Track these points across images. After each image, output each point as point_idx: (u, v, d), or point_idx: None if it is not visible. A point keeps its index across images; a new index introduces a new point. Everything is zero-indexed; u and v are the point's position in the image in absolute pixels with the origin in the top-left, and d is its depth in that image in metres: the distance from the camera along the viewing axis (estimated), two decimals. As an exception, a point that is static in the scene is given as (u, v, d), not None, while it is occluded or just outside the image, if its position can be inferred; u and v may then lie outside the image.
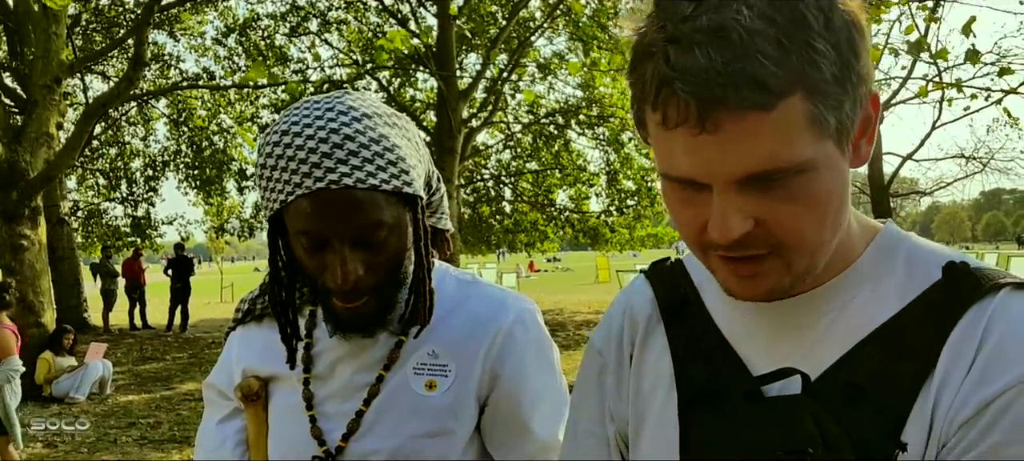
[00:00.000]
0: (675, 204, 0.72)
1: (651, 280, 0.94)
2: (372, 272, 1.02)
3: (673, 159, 0.68)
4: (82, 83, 16.97)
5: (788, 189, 0.66)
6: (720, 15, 0.62)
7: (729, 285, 0.74)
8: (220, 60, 17.41)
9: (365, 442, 1.09)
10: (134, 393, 9.07)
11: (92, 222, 19.81)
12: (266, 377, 1.18)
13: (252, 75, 11.42)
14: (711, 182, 0.67)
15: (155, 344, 13.59)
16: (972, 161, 13.82)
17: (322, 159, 0.96)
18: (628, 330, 0.92)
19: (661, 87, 0.64)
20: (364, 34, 16.33)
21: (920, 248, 0.79)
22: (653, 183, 18.26)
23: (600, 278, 31.33)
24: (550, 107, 18.12)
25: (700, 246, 0.73)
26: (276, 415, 1.17)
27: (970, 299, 0.71)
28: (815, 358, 0.75)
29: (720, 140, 0.63)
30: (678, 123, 0.65)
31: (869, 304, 0.76)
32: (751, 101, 0.62)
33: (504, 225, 19.77)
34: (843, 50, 0.64)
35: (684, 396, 0.82)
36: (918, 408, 0.68)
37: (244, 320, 1.25)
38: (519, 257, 25.68)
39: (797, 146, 0.64)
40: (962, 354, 0.68)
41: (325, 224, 0.97)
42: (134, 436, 7.01)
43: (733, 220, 0.67)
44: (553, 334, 1.22)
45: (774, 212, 0.67)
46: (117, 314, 16.37)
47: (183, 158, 19.23)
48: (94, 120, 11.19)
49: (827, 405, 0.72)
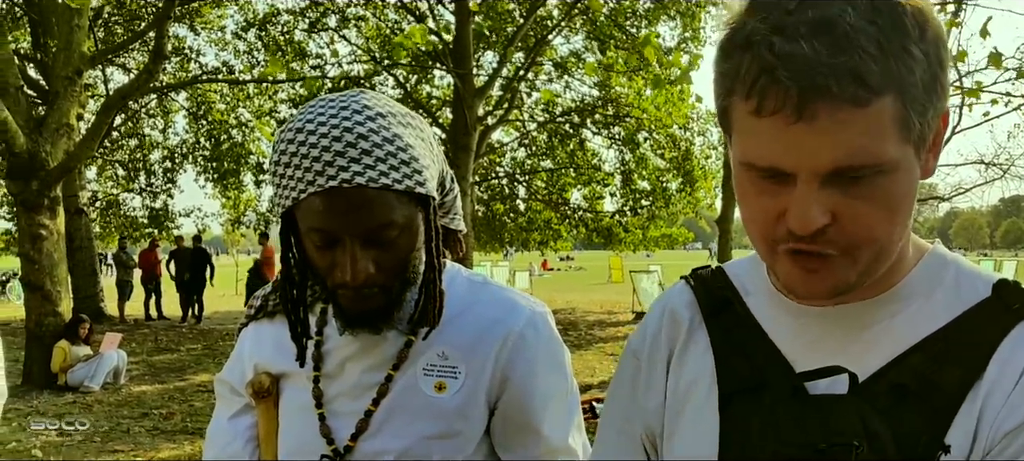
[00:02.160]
0: (751, 194, 0.74)
1: (691, 284, 0.95)
2: (382, 270, 1.02)
3: (761, 149, 0.69)
4: (103, 75, 17.13)
5: (868, 187, 0.68)
6: (826, 11, 0.65)
7: (792, 281, 0.75)
8: (240, 54, 17.54)
9: (374, 442, 1.09)
10: (148, 383, 9.14)
11: (110, 213, 19.99)
12: (277, 374, 1.19)
13: (270, 70, 11.48)
14: (798, 171, 0.68)
15: (170, 335, 13.69)
16: (992, 167, 13.64)
17: (335, 157, 0.96)
18: (668, 329, 0.93)
19: (761, 74, 0.66)
20: (382, 31, 16.37)
21: (968, 269, 0.82)
22: (668, 184, 18.20)
23: (613, 278, 31.25)
24: (566, 106, 18.09)
25: (770, 239, 0.74)
26: (286, 413, 1.17)
27: (1020, 314, 0.74)
28: (862, 362, 0.77)
29: (815, 130, 0.65)
30: (775, 110, 0.66)
31: (918, 316, 0.78)
32: (850, 94, 0.64)
33: (518, 223, 19.76)
34: (933, 61, 0.67)
35: (725, 389, 0.83)
36: (964, 413, 0.71)
37: (256, 316, 1.25)
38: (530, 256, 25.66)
39: (885, 145, 0.67)
40: (1010, 366, 0.71)
41: (336, 222, 0.98)
42: (147, 426, 7.07)
43: (814, 211, 0.68)
44: (565, 334, 1.21)
45: (851, 209, 0.69)
46: (133, 305, 16.50)
47: (201, 151, 19.37)
48: (114, 112, 11.28)
49: (872, 404, 0.73)
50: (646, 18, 16.16)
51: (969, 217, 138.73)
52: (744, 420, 0.80)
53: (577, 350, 11.49)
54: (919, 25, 0.66)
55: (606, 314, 17.61)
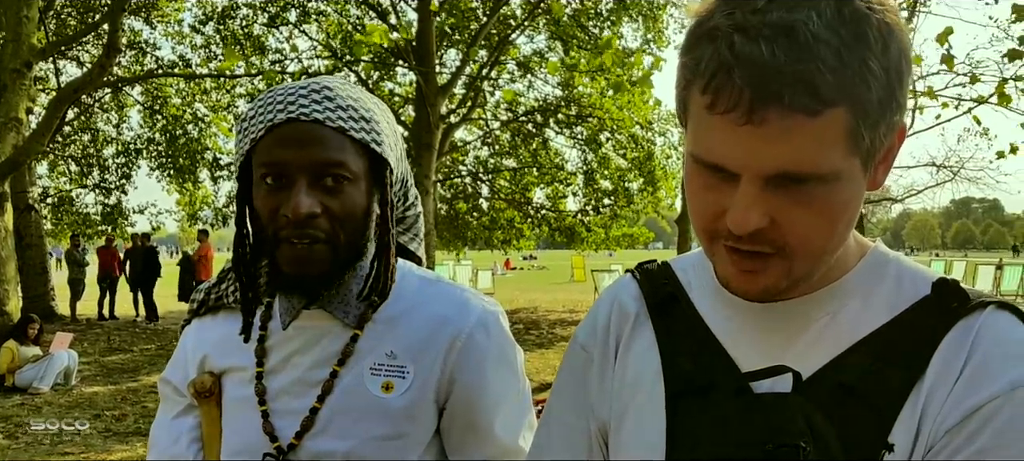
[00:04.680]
0: (697, 187, 0.74)
1: (638, 278, 0.95)
2: (327, 216, 1.00)
3: (710, 144, 0.69)
4: (55, 68, 16.67)
5: (809, 195, 0.69)
6: (791, 14, 0.64)
7: (728, 277, 0.76)
8: (197, 48, 17.22)
9: (319, 441, 1.06)
10: (100, 384, 8.92)
11: (62, 209, 19.48)
12: (221, 371, 1.16)
13: (227, 64, 11.30)
14: (742, 172, 0.68)
15: (123, 335, 13.38)
16: (943, 169, 14.01)
17: (298, 99, 1.01)
18: (615, 322, 0.93)
19: (718, 72, 0.66)
20: (344, 27, 16.22)
21: (908, 267, 0.83)
22: (630, 184, 18.34)
23: (575, 277, 31.41)
24: (529, 105, 18.12)
25: (710, 233, 0.75)
26: (229, 410, 1.14)
27: (959, 313, 0.75)
28: (805, 360, 0.77)
29: (763, 134, 0.66)
30: (727, 110, 0.66)
31: (859, 313, 0.79)
32: (801, 104, 0.64)
33: (481, 222, 19.74)
34: (892, 77, 0.67)
35: (671, 389, 0.83)
36: (906, 412, 0.72)
37: (199, 312, 1.22)
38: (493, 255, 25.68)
39: (830, 156, 0.67)
40: (950, 364, 0.72)
41: (288, 154, 0.99)
42: (98, 428, 6.89)
43: (752, 213, 0.68)
44: (527, 332, 1.20)
45: (790, 214, 0.69)
46: (85, 304, 16.10)
47: (157, 146, 18.98)
48: (65, 105, 11.00)
49: (817, 404, 0.74)
50: (609, 19, 16.26)
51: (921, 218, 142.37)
52: (691, 421, 0.80)
53: (539, 349, 11.51)
54: (883, 38, 0.66)
55: (568, 313, 17.68)
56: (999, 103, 7.76)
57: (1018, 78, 7.95)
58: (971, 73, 8.23)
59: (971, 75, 8.15)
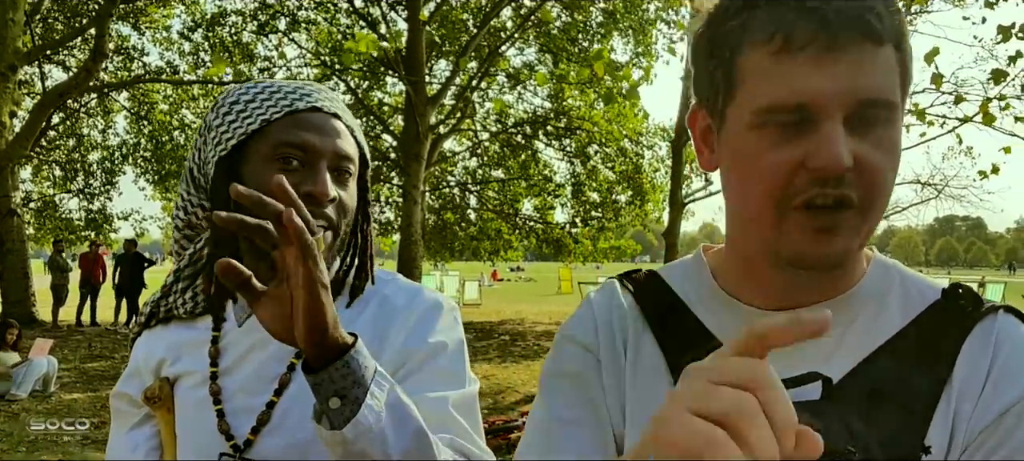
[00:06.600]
0: (762, 149, 0.72)
1: (630, 288, 0.91)
2: (336, 205, 1.04)
3: (788, 86, 0.69)
4: (41, 72, 16.55)
5: (878, 135, 0.71)
6: None
7: (803, 244, 0.73)
8: (185, 55, 17.14)
9: (275, 436, 1.04)
10: (79, 391, 8.80)
11: (45, 214, 19.30)
12: (175, 377, 1.14)
13: (214, 70, 11.24)
14: (824, 108, 0.69)
15: (104, 341, 13.23)
16: (928, 187, 14.11)
17: (313, 92, 1.07)
18: (619, 327, 0.88)
19: (787, 14, 0.69)
20: (334, 36, 16.19)
21: (910, 275, 0.84)
22: (618, 196, 18.36)
23: (562, 289, 31.39)
24: (518, 117, 18.14)
25: (782, 197, 0.72)
26: (184, 413, 1.12)
27: (975, 316, 0.77)
28: (831, 366, 0.76)
29: (844, 62, 0.68)
30: (804, 45, 0.69)
31: (877, 321, 0.79)
32: (872, 31, 0.68)
33: (469, 233, 19.71)
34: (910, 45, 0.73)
35: None
36: (940, 414, 0.73)
37: (149, 324, 1.21)
38: (473, 265, 25.64)
39: (895, 86, 0.71)
40: (977, 366, 0.74)
41: (315, 138, 1.03)
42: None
43: (843, 147, 0.68)
44: (513, 343, 1.18)
45: (867, 155, 0.70)
46: (67, 309, 15.92)
47: (142, 152, 18.86)
48: (50, 110, 10.91)
49: (851, 409, 0.74)
50: (599, 33, 16.33)
51: (906, 235, 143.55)
52: None
53: (525, 360, 11.47)
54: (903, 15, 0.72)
55: (555, 325, 17.62)
56: (983, 122, 7.83)
57: (1002, 97, 8.03)
58: (956, 93, 8.31)
59: (956, 95, 8.23)
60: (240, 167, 1.04)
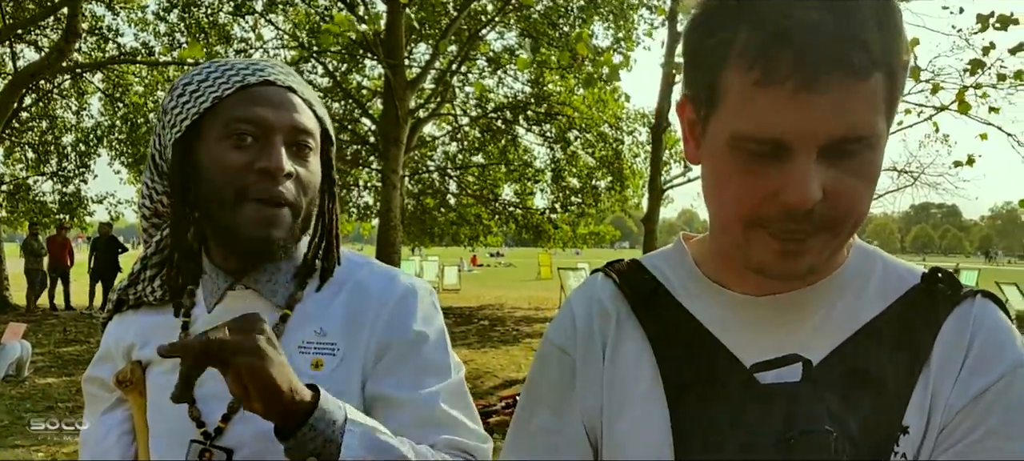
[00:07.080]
0: (736, 171, 0.72)
1: (613, 278, 0.92)
2: (295, 181, 1.02)
3: (762, 120, 0.68)
4: (12, 51, 16.21)
5: (857, 162, 0.69)
6: None
7: (766, 262, 0.74)
8: (160, 36, 16.84)
9: (247, 423, 1.03)
10: (53, 376, 8.71)
11: (18, 197, 18.98)
12: (147, 362, 1.13)
13: (190, 52, 11.08)
14: (798, 144, 0.67)
15: (79, 326, 13.08)
16: (904, 174, 14.27)
17: (266, 67, 1.05)
18: (599, 322, 0.89)
19: (769, 43, 0.66)
20: (312, 17, 15.99)
21: (891, 260, 0.86)
22: (598, 182, 18.38)
23: (542, 274, 31.44)
24: (498, 102, 18.07)
25: (751, 220, 0.73)
26: (156, 399, 1.11)
27: (954, 300, 0.78)
28: (810, 350, 0.77)
29: (823, 101, 0.65)
30: (783, 80, 0.65)
31: (856, 305, 0.80)
32: (857, 68, 0.65)
33: (448, 218, 19.65)
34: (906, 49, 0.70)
35: (672, 385, 0.81)
36: (917, 395, 0.75)
37: (120, 310, 1.20)
38: (452, 251, 25.60)
39: (877, 119, 0.69)
40: (954, 349, 0.76)
41: (269, 112, 1.00)
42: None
43: (813, 185, 0.68)
44: (492, 329, 1.17)
45: (841, 184, 0.69)
46: (43, 297, 15.70)
47: (117, 134, 18.57)
48: (21, 90, 10.70)
49: (829, 390, 0.75)
50: (580, 17, 16.27)
51: (881, 222, 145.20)
52: (699, 416, 0.78)
53: (504, 345, 11.49)
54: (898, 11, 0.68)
55: (534, 310, 17.68)
56: (959, 110, 7.92)
57: (978, 86, 8.11)
58: (933, 82, 8.40)
59: (933, 85, 8.31)
60: (196, 148, 1.02)
